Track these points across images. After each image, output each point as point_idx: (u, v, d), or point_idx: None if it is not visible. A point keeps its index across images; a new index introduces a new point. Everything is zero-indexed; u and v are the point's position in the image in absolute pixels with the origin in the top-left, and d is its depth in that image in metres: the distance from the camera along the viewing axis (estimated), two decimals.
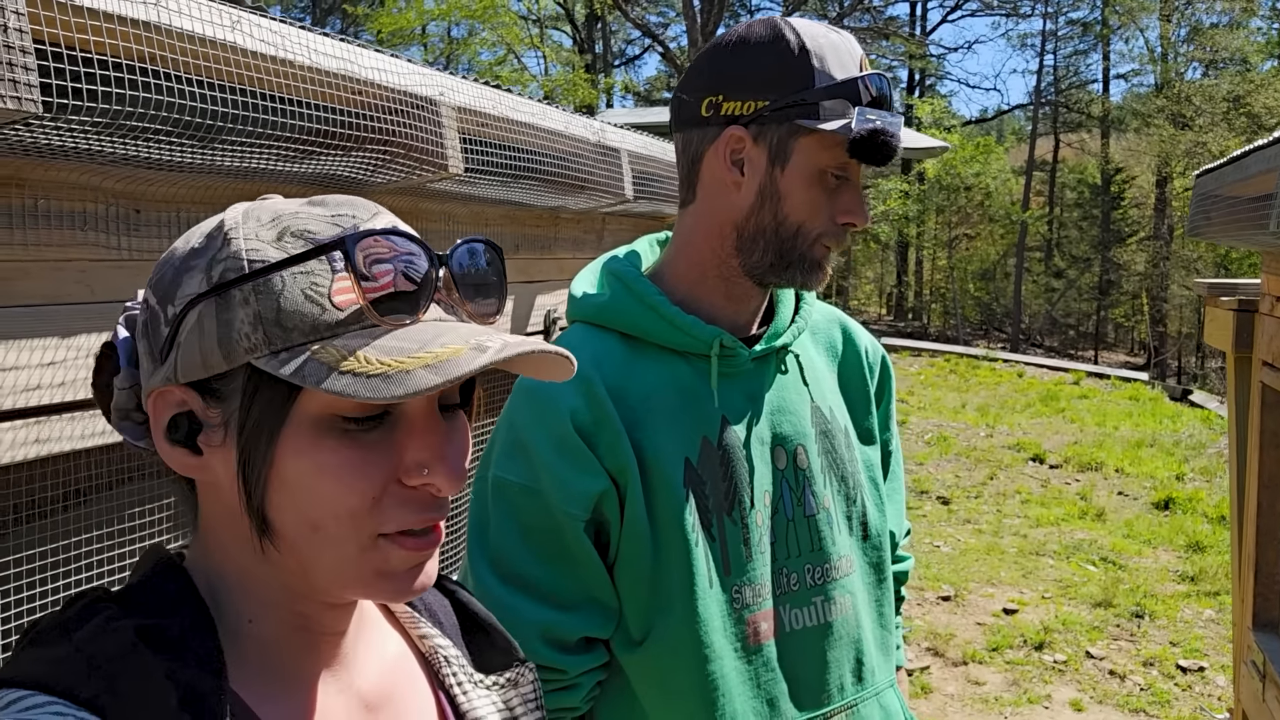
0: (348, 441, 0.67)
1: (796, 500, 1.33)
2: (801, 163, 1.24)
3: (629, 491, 1.24)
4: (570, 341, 1.31)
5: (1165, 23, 30.46)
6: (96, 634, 0.64)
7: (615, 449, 1.23)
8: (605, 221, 3.11)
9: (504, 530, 1.24)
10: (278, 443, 0.66)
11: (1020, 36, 49.57)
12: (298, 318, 0.66)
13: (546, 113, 2.22)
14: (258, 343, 0.65)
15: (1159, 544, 7.48)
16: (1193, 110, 27.23)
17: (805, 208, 1.26)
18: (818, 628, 1.33)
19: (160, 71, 1.20)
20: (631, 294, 1.30)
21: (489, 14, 24.74)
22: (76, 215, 1.37)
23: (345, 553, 0.68)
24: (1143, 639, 5.76)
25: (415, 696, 0.82)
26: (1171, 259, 28.62)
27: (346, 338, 0.66)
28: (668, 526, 1.24)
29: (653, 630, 1.25)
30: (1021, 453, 10.48)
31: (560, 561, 1.24)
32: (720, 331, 1.29)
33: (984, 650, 5.53)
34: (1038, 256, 34.49)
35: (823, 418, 1.39)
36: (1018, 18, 35.10)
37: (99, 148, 1.19)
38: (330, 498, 0.67)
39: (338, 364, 0.64)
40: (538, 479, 1.23)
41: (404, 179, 1.71)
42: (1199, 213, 2.76)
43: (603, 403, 1.23)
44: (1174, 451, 10.50)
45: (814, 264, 1.29)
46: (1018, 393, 14.83)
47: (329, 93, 1.48)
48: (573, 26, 31.81)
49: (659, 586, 1.25)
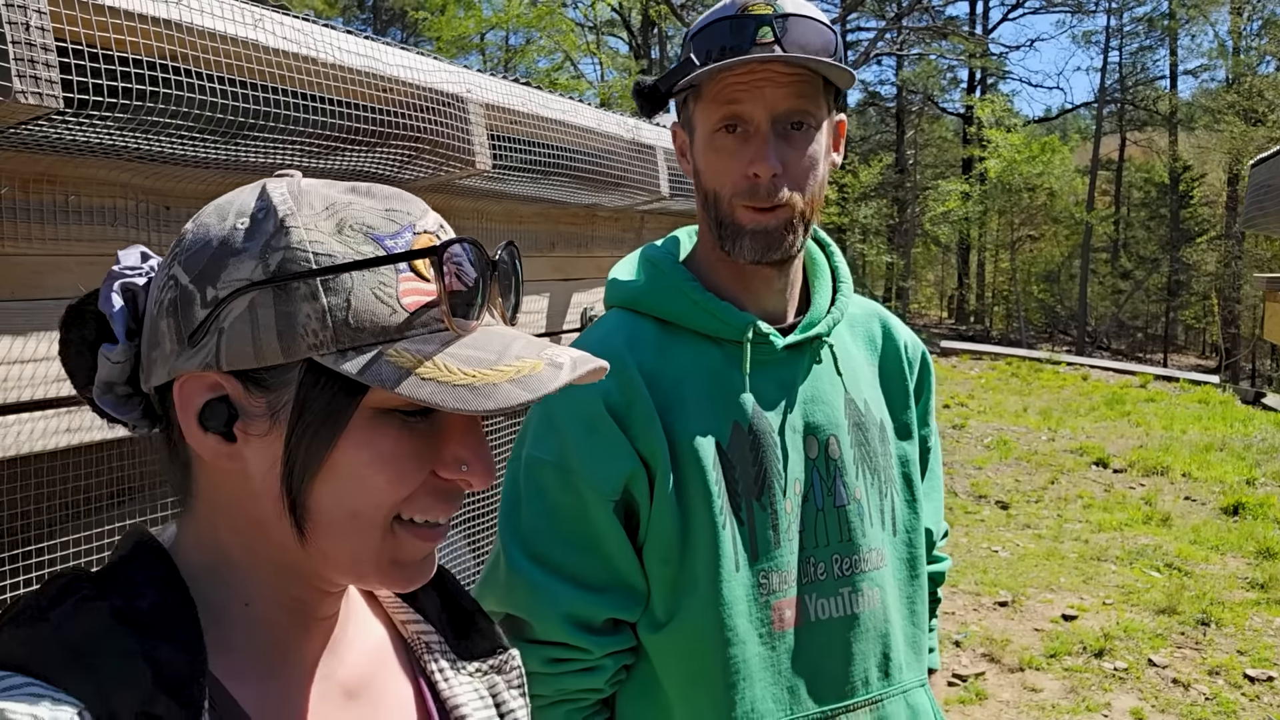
0: (406, 433, 0.68)
1: (827, 490, 1.33)
2: (700, 129, 1.28)
3: (659, 473, 1.25)
4: (606, 326, 1.34)
5: (1236, 16, 29.61)
6: (72, 614, 0.64)
7: (647, 431, 1.25)
8: (644, 220, 3.11)
9: (534, 510, 1.27)
10: (340, 436, 0.66)
11: (1084, 33, 48.38)
12: (368, 317, 0.65)
13: (578, 110, 2.23)
14: (325, 340, 0.65)
15: (1227, 550, 7.25)
16: (1265, 105, 26.42)
17: (711, 172, 1.27)
18: (843, 619, 1.32)
19: (183, 69, 1.22)
20: (665, 279, 1.32)
21: (546, 21, 24.96)
22: (107, 211, 1.40)
23: (370, 539, 0.69)
24: (1208, 647, 5.59)
25: (395, 683, 0.82)
26: (1244, 258, 27.76)
27: (414, 341, 0.66)
28: (696, 509, 1.25)
29: (678, 612, 1.26)
30: (1084, 457, 10.24)
31: (589, 542, 1.25)
32: (753, 318, 1.30)
33: (1041, 657, 5.41)
34: (1104, 257, 33.72)
35: (857, 410, 1.38)
36: (1081, 14, 34.37)
37: (123, 143, 1.23)
38: (383, 487, 0.68)
39: (415, 369, 0.64)
40: (568, 457, 1.24)
41: (430, 175, 1.72)
42: (1254, 204, 2.68)
43: (636, 385, 1.25)
44: (1245, 456, 10.17)
45: (736, 228, 1.26)
46: (1081, 396, 14.50)
47: (354, 89, 1.50)
48: (629, 32, 31.92)
49: (685, 568, 1.25)
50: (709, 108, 1.25)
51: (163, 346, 0.68)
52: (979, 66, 33.21)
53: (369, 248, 0.66)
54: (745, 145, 1.24)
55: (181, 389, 0.68)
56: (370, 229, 0.67)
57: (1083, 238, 31.47)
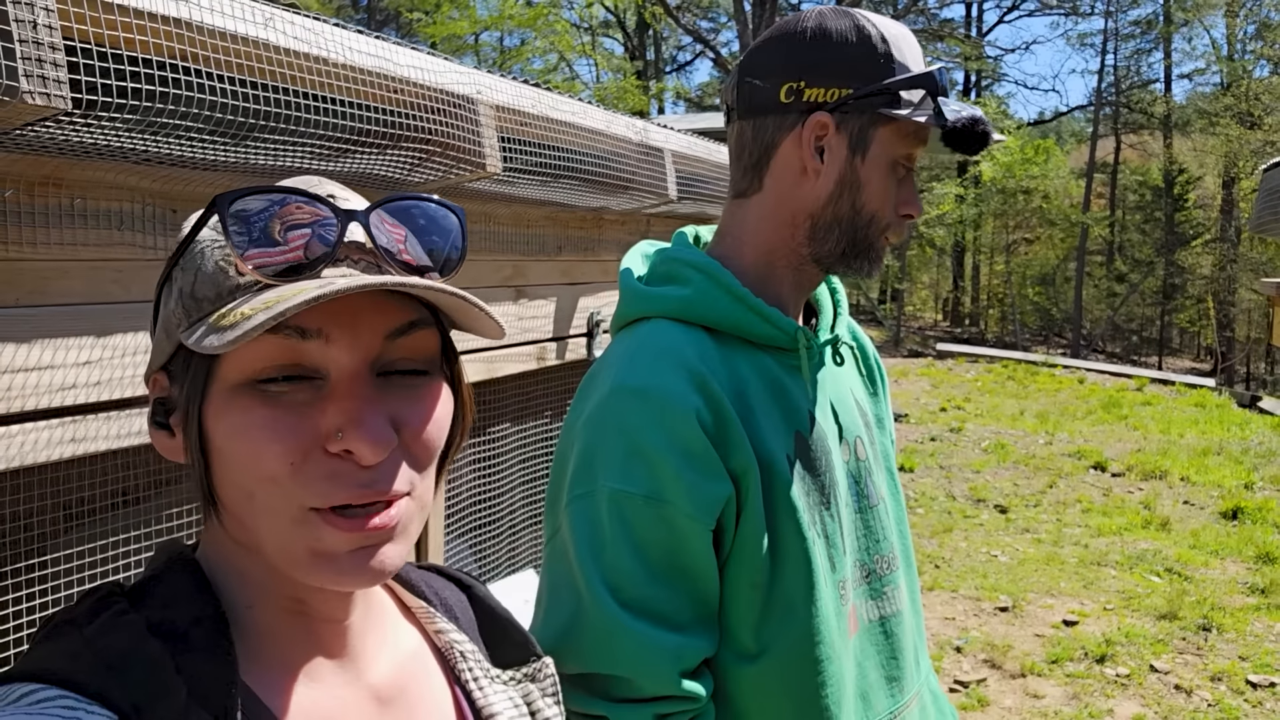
0: (260, 401, 0.65)
1: (861, 493, 1.33)
2: (879, 152, 1.25)
3: (748, 492, 1.18)
4: (666, 338, 1.23)
5: (1232, 19, 29.69)
6: (107, 628, 0.64)
7: (739, 449, 1.18)
8: (650, 223, 3.08)
9: (623, 549, 1.14)
10: (204, 411, 0.67)
11: (1080, 36, 48.64)
12: (208, 287, 0.67)
13: (587, 111, 2.19)
14: (180, 318, 0.68)
15: (1227, 555, 7.24)
16: (1261, 109, 26.49)
17: (879, 198, 1.27)
18: (891, 617, 1.33)
19: (192, 69, 1.19)
20: (719, 286, 1.25)
21: (541, 22, 24.92)
22: (114, 215, 1.37)
23: (279, 525, 0.66)
24: (1210, 652, 5.57)
25: (430, 691, 0.81)
26: (1239, 261, 27.83)
27: (244, 300, 0.65)
28: (784, 526, 1.20)
29: (774, 640, 1.19)
30: (1082, 460, 10.23)
31: (684, 578, 1.16)
32: (799, 325, 1.28)
33: (1043, 663, 5.38)
34: (1099, 260, 33.78)
35: (863, 409, 1.40)
36: (1077, 17, 34.46)
37: (132, 145, 1.19)
38: (249, 459, 0.65)
39: (218, 322, 0.64)
40: (663, 489, 1.14)
41: (441, 178, 1.69)
42: (1266, 208, 2.65)
43: (722, 401, 1.18)
44: (1242, 460, 10.17)
45: (879, 254, 1.31)
46: (1078, 399, 14.50)
47: (365, 90, 1.47)
48: (624, 34, 31.92)
49: (776, 591, 1.19)
50: (906, 135, 1.26)
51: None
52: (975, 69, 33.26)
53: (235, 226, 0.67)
54: (908, 184, 1.30)
55: (149, 391, 0.74)
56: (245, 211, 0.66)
57: (1078, 241, 31.53)
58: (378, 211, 0.70)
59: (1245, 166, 26.75)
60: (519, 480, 2.77)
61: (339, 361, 0.67)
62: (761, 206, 1.30)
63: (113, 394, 1.38)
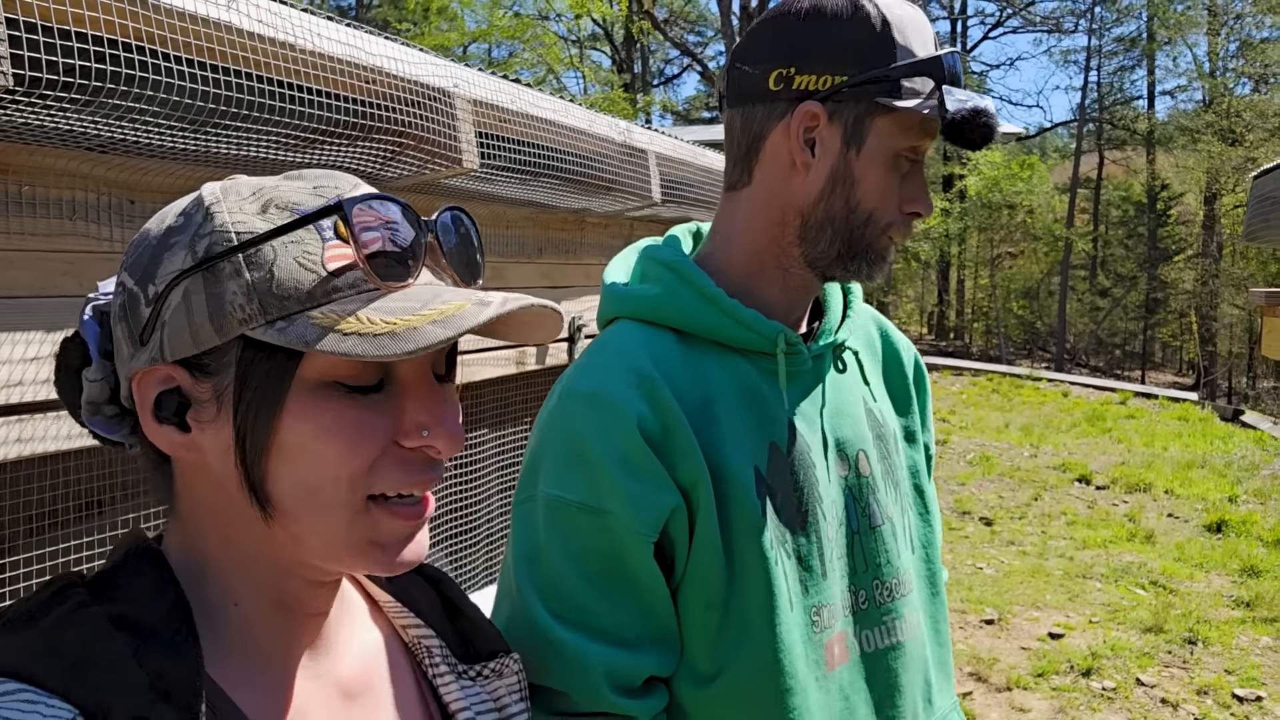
0: (349, 403, 0.67)
1: (861, 511, 1.22)
2: (877, 145, 1.14)
3: (701, 507, 1.10)
4: (621, 340, 1.17)
5: (1213, 37, 29.97)
6: (65, 621, 0.63)
7: (688, 459, 1.09)
8: (633, 227, 3.03)
9: (559, 557, 1.09)
10: (282, 409, 0.66)
11: (1063, 53, 49.06)
12: (292, 285, 0.66)
13: (569, 110, 2.14)
14: (253, 313, 0.66)
15: (1211, 568, 7.22)
16: (1243, 126, 26.72)
17: (878, 194, 1.15)
18: (891, 649, 1.21)
19: (147, 49, 1.13)
20: (689, 286, 1.17)
21: (529, 34, 24.92)
22: (65, 203, 1.30)
23: (339, 518, 0.68)
24: (1196, 666, 5.54)
25: (396, 686, 0.82)
26: (1221, 276, 28.01)
27: (341, 303, 0.66)
28: (744, 544, 1.11)
29: (730, 663, 1.11)
30: (1067, 473, 10.22)
31: (623, 591, 1.09)
32: (783, 327, 1.17)
33: (1029, 676, 5.34)
34: (1082, 275, 33.96)
35: (876, 420, 1.28)
36: (1061, 34, 34.73)
37: (82, 129, 1.13)
38: (333, 459, 0.67)
39: (337, 326, 0.64)
40: (603, 497, 1.07)
41: (416, 173, 1.63)
42: (1257, 216, 2.62)
43: (670, 407, 1.10)
44: (1226, 473, 10.19)
45: (879, 255, 1.19)
46: (1062, 412, 14.52)
47: (335, 79, 1.41)
48: (611, 46, 31.98)
49: (733, 613, 1.11)
50: (909, 126, 1.14)
51: (121, 352, 0.71)
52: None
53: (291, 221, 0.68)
54: (914, 180, 1.18)
55: (137, 387, 0.69)
56: (295, 205, 0.68)
57: (1062, 255, 31.71)
58: (442, 218, 0.73)
59: (1227, 183, 26.96)
60: (497, 487, 2.71)
61: (418, 365, 0.71)
62: (750, 201, 1.20)
63: None
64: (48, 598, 0.66)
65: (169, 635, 0.65)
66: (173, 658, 0.64)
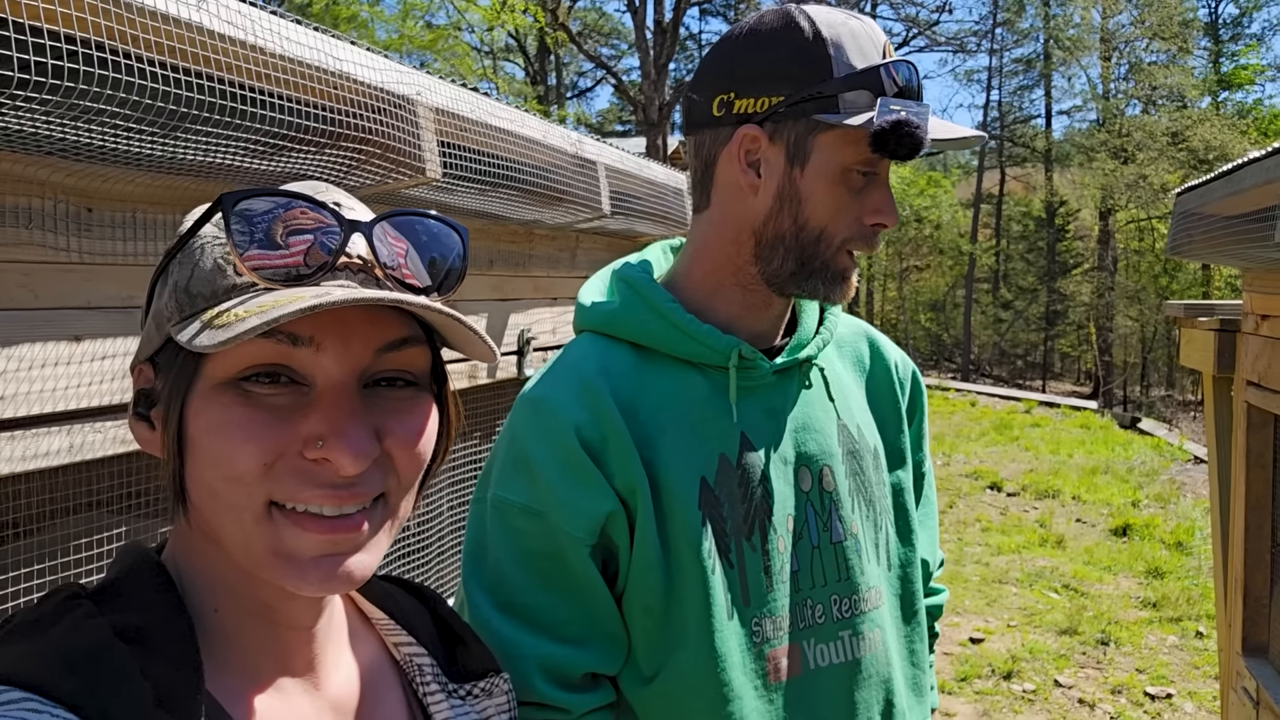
0: (242, 400, 0.65)
1: (823, 525, 1.22)
2: (822, 161, 1.13)
3: (639, 514, 1.12)
4: (577, 351, 1.21)
5: (1106, 61, 31.31)
6: (72, 631, 0.63)
7: (625, 467, 1.11)
8: (579, 240, 3.00)
9: (503, 555, 1.13)
10: (186, 406, 0.66)
11: (967, 73, 50.60)
12: (204, 283, 0.67)
13: (525, 120, 2.11)
14: (172, 311, 0.67)
15: (1119, 570, 7.49)
16: (1134, 145, 27.94)
17: (827, 210, 1.14)
18: (845, 665, 1.21)
19: (106, 47, 1.07)
20: (643, 301, 1.19)
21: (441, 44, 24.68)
22: (21, 212, 1.23)
23: (243, 522, 0.66)
24: (1109, 666, 5.73)
25: (386, 703, 0.82)
26: (1116, 290, 29.21)
27: (241, 300, 0.65)
28: (682, 552, 1.12)
29: (665, 666, 1.13)
30: (979, 481, 10.50)
31: (564, 590, 1.12)
32: (738, 341, 1.17)
33: (953, 680, 5.45)
34: (985, 288, 35.04)
35: (850, 436, 1.28)
36: (964, 54, 35.87)
37: (47, 131, 1.07)
38: (221, 457, 0.65)
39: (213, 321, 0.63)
40: (541, 499, 1.11)
41: (379, 182, 1.59)
42: (1180, 230, 2.73)
43: (610, 416, 1.12)
44: (1128, 478, 10.59)
45: (837, 274, 1.18)
46: (972, 421, 14.93)
47: (302, 84, 1.36)
48: (525, 58, 31.88)
49: (672, 618, 1.13)
50: (854, 140, 1.11)
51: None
52: None
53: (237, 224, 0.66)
54: (873, 192, 1.15)
55: (132, 383, 0.73)
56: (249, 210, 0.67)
57: (966, 269, 32.66)
58: (382, 224, 0.71)
59: (1120, 199, 28.14)
60: (449, 503, 2.65)
61: (328, 370, 0.67)
62: (709, 223, 1.22)
63: (17, 411, 1.23)
64: (53, 608, 0.65)
65: (172, 646, 0.65)
66: (176, 669, 0.64)
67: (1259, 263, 2.31)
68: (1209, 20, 32.56)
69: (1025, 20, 34.06)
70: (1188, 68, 30.21)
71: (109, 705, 0.60)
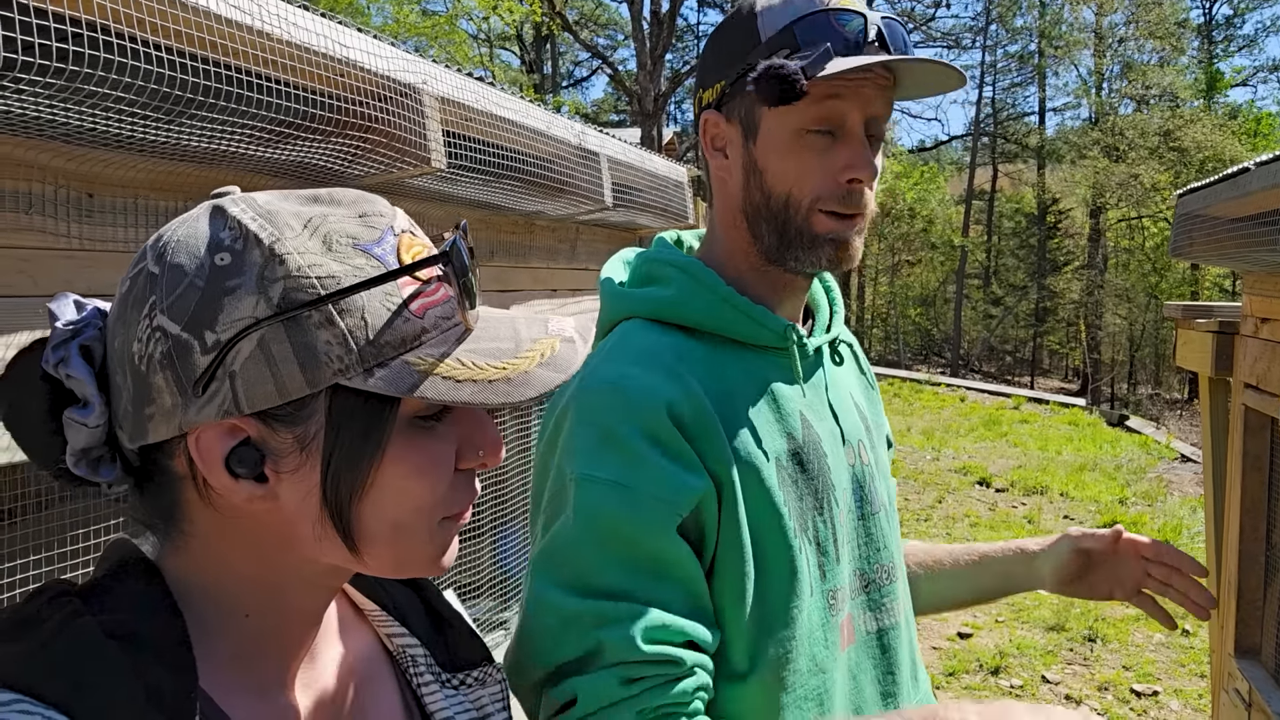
0: (432, 439, 0.69)
1: (865, 497, 1.26)
2: (772, 128, 1.14)
3: (727, 496, 1.10)
4: (638, 340, 1.16)
5: (1099, 58, 31.38)
6: (61, 630, 0.62)
7: (716, 448, 1.10)
8: (579, 231, 2.98)
9: (591, 537, 1.06)
10: (383, 453, 0.67)
11: (961, 68, 50.65)
12: (387, 332, 0.65)
13: (529, 110, 2.09)
14: (351, 363, 0.64)
15: None
16: (1125, 144, 28.02)
17: (788, 175, 1.15)
18: (890, 629, 1.25)
19: (120, 30, 1.05)
20: (702, 285, 1.19)
21: (439, 31, 24.56)
22: (21, 196, 1.20)
23: (420, 541, 0.70)
24: (1096, 663, 5.76)
25: (380, 693, 0.82)
26: (1105, 288, 29.32)
27: (432, 345, 0.67)
28: (769, 533, 1.12)
29: (763, 653, 1.11)
30: (968, 476, 10.54)
31: (660, 568, 1.06)
32: (789, 323, 1.19)
33: (941, 675, 5.48)
34: (976, 284, 35.14)
35: (864, 413, 1.33)
36: (958, 49, 35.88)
37: (50, 116, 1.04)
38: (419, 494, 0.68)
39: (445, 373, 0.65)
40: (632, 473, 1.05)
41: (383, 171, 1.57)
42: (1182, 233, 2.73)
43: (698, 398, 1.10)
44: (1115, 476, 10.65)
45: (815, 238, 1.16)
46: (961, 416, 14.98)
47: (308, 70, 1.34)
48: (521, 47, 31.77)
49: (763, 602, 1.12)
50: (801, 104, 1.11)
51: (160, 402, 0.65)
52: None
53: (361, 259, 0.66)
54: (838, 148, 1.14)
55: (199, 442, 0.65)
56: (354, 239, 0.67)
57: (958, 264, 32.74)
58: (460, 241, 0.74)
59: (1110, 197, 28.23)
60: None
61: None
62: (716, 213, 1.26)
63: None
64: (40, 607, 0.64)
65: (163, 646, 0.64)
66: (169, 670, 0.63)
67: (1263, 266, 2.31)
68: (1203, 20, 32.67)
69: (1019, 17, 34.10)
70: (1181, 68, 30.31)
71: (102, 706, 0.59)
